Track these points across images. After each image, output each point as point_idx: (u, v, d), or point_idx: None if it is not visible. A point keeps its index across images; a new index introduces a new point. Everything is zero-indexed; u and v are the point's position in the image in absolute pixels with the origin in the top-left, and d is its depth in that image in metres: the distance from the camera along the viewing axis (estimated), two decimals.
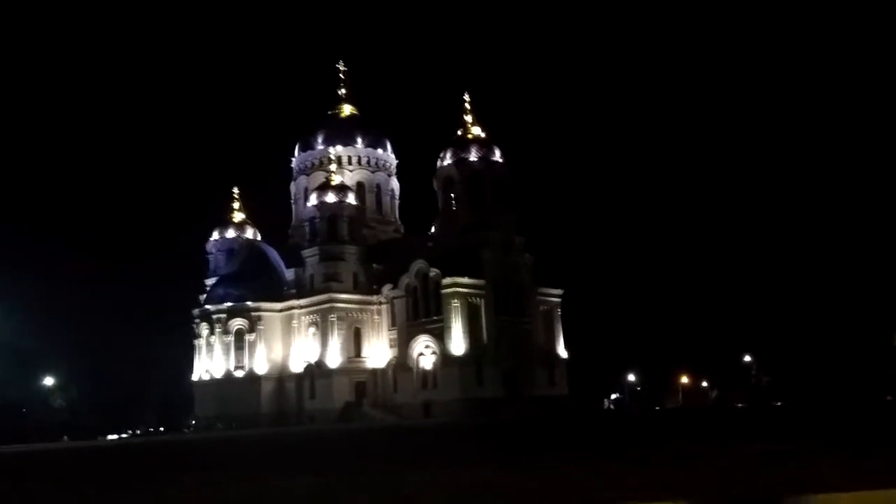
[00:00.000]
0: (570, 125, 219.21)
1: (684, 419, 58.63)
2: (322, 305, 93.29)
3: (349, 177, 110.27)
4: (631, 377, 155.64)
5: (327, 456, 31.39)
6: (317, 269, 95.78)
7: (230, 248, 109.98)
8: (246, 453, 37.02)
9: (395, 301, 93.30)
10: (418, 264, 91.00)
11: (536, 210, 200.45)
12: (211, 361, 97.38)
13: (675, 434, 36.48)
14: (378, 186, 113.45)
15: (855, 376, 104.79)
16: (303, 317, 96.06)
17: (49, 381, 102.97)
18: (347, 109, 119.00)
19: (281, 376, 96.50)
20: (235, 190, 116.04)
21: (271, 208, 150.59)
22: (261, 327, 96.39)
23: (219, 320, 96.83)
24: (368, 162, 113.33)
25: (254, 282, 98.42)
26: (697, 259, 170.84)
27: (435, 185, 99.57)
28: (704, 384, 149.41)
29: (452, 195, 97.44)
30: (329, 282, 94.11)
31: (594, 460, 21.47)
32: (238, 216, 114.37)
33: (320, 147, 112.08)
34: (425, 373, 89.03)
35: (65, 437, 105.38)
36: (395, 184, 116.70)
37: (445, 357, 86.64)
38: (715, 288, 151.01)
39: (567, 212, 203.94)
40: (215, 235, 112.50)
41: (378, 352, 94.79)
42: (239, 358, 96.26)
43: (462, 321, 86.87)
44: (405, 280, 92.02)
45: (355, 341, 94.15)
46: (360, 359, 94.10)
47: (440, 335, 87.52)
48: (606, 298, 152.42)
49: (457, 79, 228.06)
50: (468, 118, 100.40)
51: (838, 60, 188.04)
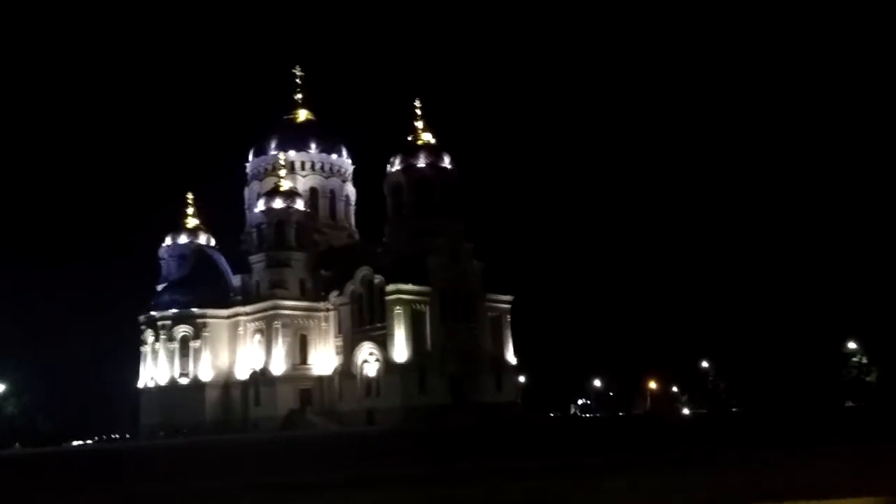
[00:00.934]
0: (524, 132, 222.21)
1: (629, 426, 58.83)
2: (267, 312, 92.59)
3: (302, 182, 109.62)
4: (597, 383, 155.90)
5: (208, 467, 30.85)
6: (263, 276, 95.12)
7: (182, 254, 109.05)
8: (144, 465, 36.47)
9: (341, 308, 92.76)
10: (363, 271, 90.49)
11: (488, 217, 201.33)
12: (156, 368, 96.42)
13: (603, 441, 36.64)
14: (332, 192, 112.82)
15: (808, 383, 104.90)
16: (249, 324, 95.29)
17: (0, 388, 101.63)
18: (303, 115, 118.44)
19: (227, 383, 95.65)
20: (190, 195, 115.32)
21: (228, 213, 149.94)
22: (206, 334, 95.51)
23: (164, 327, 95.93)
24: (322, 167, 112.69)
25: (200, 288, 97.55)
26: (655, 264, 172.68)
27: (385, 191, 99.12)
28: (675, 389, 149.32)
29: (401, 201, 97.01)
30: (274, 288, 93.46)
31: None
32: (192, 221, 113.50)
33: (273, 152, 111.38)
34: (369, 380, 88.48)
35: (17, 445, 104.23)
36: (351, 189, 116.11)
37: (388, 364, 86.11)
38: (673, 292, 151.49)
39: (519, 219, 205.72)
40: (168, 241, 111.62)
41: (325, 359, 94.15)
42: (184, 365, 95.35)
43: (405, 328, 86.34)
44: (350, 287, 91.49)
45: (301, 348, 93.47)
46: (306, 366, 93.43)
47: (383, 342, 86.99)
48: (564, 304, 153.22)
49: (415, 85, 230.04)
50: (419, 124, 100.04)
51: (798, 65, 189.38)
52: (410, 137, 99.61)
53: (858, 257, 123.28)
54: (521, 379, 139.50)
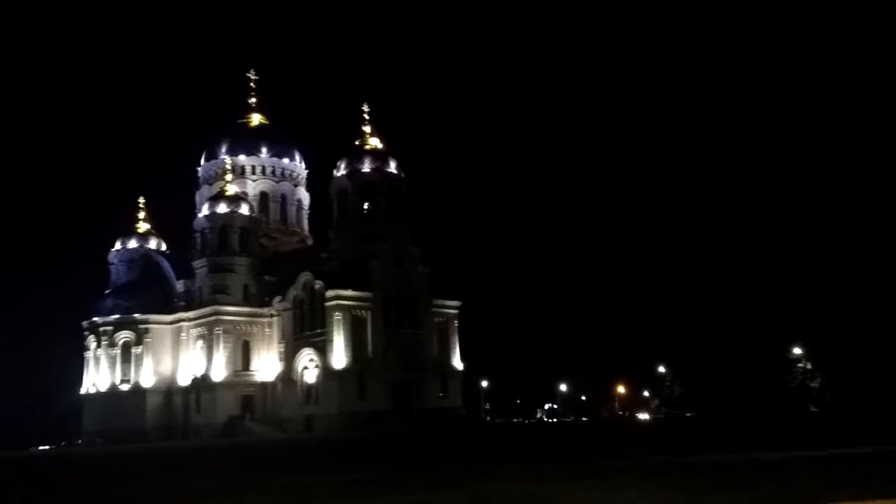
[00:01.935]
0: (477, 138, 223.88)
1: (572, 431, 58.91)
2: (208, 318, 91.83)
3: (252, 186, 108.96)
4: (564, 387, 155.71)
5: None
6: (205, 282, 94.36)
7: (131, 259, 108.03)
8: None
9: (284, 314, 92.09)
10: (304, 276, 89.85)
11: (440, 223, 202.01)
12: (98, 375, 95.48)
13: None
14: (283, 196, 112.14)
15: (757, 388, 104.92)
16: (191, 329, 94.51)
17: None
18: (256, 119, 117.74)
19: (170, 390, 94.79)
20: (141, 200, 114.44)
21: (182, 218, 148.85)
22: (148, 340, 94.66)
23: (105, 333, 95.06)
24: (273, 172, 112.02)
25: (144, 294, 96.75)
26: (612, 269, 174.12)
27: (331, 196, 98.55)
28: (646, 393, 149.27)
29: (346, 206, 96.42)
30: (216, 294, 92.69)
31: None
32: (143, 226, 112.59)
33: (224, 156, 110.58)
34: (308, 387, 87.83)
35: None
36: (304, 194, 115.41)
37: (327, 371, 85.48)
38: (631, 296, 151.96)
39: (470, 225, 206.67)
40: (117, 246, 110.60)
41: (268, 365, 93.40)
42: (125, 371, 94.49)
43: (345, 334, 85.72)
44: (293, 292, 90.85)
45: (244, 354, 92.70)
46: (249, 372, 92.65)
47: (323, 348, 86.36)
48: (523, 309, 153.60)
49: (368, 90, 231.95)
50: (366, 129, 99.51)
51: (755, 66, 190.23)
52: (357, 142, 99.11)
53: (806, 264, 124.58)
54: (485, 384, 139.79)
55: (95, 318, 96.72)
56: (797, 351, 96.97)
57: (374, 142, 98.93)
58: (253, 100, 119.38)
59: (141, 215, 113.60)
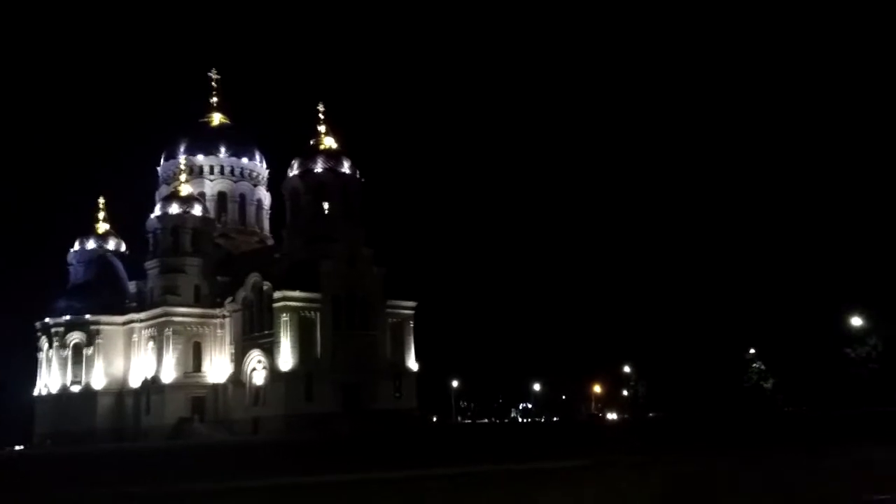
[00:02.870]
0: (438, 140, 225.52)
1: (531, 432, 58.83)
2: (158, 319, 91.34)
3: (209, 186, 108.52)
4: (537, 387, 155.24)
5: None
6: (156, 282, 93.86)
7: (90, 259, 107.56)
8: None
9: (234, 315, 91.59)
10: (253, 277, 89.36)
11: (401, 224, 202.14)
12: (49, 376, 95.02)
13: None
14: (242, 196, 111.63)
15: (716, 389, 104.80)
16: (143, 331, 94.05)
17: None
18: (217, 118, 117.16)
19: (121, 392, 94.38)
20: (101, 200, 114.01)
21: (143, 218, 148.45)
22: (100, 341, 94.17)
23: (57, 334, 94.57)
24: (232, 171, 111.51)
25: (96, 295, 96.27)
26: (580, 269, 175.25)
27: (284, 197, 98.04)
28: (625, 393, 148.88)
29: (299, 206, 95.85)
30: (166, 295, 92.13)
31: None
32: (102, 227, 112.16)
33: (182, 156, 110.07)
34: (257, 388, 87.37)
35: None
36: (263, 193, 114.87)
37: (273, 372, 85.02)
38: (595, 297, 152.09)
39: (431, 226, 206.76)
40: (76, 246, 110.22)
41: (220, 366, 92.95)
42: (76, 372, 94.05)
43: (292, 335, 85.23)
44: (242, 293, 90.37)
45: (195, 356, 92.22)
46: (200, 374, 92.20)
47: (270, 350, 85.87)
48: (487, 310, 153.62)
49: (329, 91, 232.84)
50: (321, 128, 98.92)
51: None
52: (312, 142, 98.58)
53: (762, 268, 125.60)
54: (455, 384, 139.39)
55: (48, 319, 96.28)
56: (752, 351, 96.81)
57: (329, 141, 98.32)
58: (214, 99, 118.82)
59: (101, 215, 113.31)
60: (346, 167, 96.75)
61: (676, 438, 36.90)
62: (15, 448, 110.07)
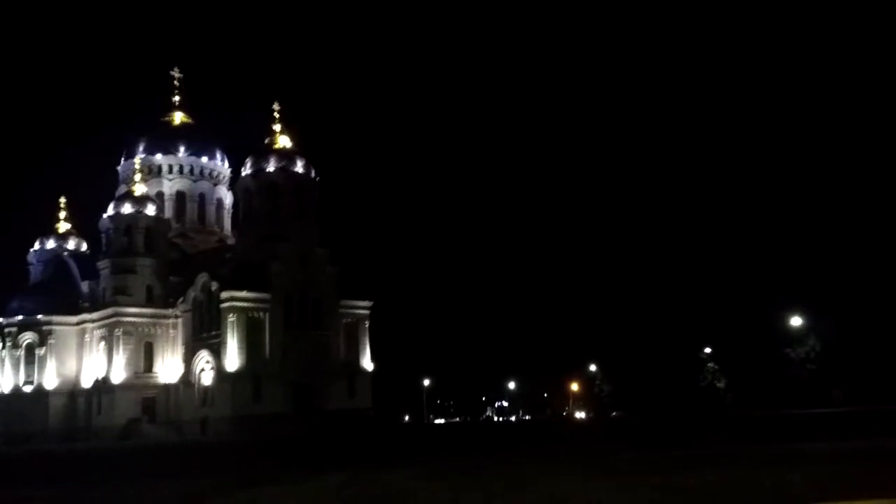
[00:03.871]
0: (397, 138, 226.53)
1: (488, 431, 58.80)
2: (108, 319, 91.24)
3: (168, 186, 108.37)
4: (512, 385, 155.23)
5: None
6: (108, 282, 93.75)
7: (48, 259, 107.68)
8: None
9: (185, 315, 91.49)
10: (202, 278, 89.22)
11: (361, 224, 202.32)
12: (2, 376, 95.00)
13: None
14: (201, 196, 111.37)
15: (674, 387, 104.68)
16: (95, 331, 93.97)
17: None
18: (178, 117, 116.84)
19: (73, 392, 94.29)
20: (62, 199, 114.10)
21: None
22: (52, 341, 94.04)
23: (9, 334, 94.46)
24: (191, 171, 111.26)
25: (49, 295, 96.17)
26: (546, 268, 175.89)
27: (237, 196, 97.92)
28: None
29: (251, 206, 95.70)
30: (117, 295, 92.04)
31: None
32: (63, 226, 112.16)
33: (141, 155, 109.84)
34: (205, 389, 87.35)
35: None
36: (224, 193, 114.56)
37: (220, 373, 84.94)
38: (562, 296, 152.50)
39: (389, 226, 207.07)
40: (36, 246, 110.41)
41: (172, 367, 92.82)
42: (29, 373, 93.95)
43: (240, 336, 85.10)
44: (192, 294, 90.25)
45: (146, 356, 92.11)
46: (151, 374, 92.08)
47: (218, 350, 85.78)
48: (450, 309, 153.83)
49: (287, 90, 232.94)
50: (276, 128, 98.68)
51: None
52: (266, 141, 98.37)
53: (716, 269, 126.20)
54: (427, 383, 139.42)
55: (1, 319, 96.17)
56: (707, 351, 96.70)
57: (283, 141, 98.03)
58: (177, 98, 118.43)
59: (62, 215, 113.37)
60: (300, 167, 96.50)
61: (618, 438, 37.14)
62: None
